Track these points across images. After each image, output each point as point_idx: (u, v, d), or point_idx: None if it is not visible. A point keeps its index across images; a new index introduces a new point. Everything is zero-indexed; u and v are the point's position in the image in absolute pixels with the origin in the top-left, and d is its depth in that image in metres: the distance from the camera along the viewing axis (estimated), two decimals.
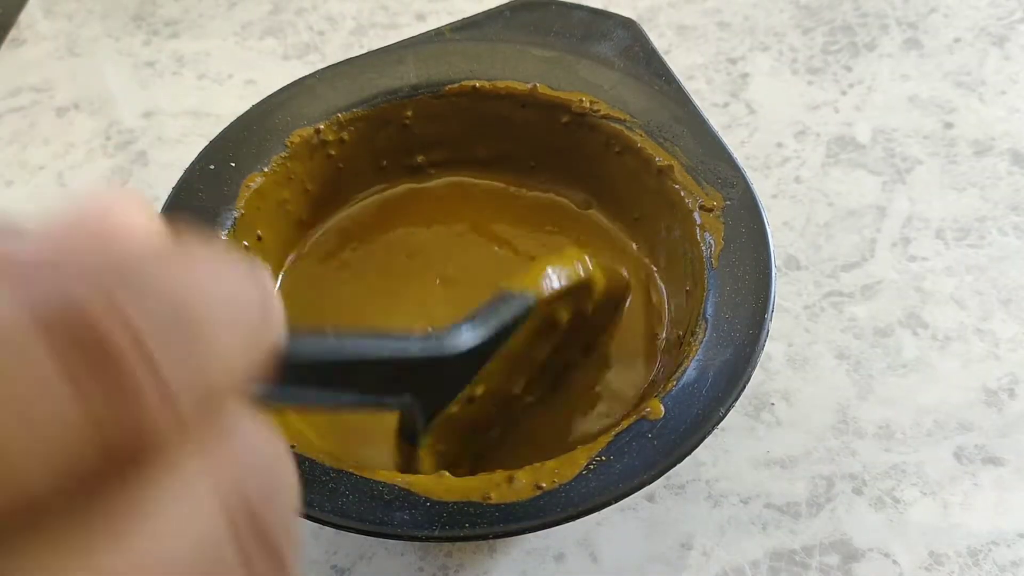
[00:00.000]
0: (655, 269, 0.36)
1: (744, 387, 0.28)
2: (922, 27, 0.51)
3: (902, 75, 0.49)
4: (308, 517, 0.26)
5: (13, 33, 0.55)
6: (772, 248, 0.31)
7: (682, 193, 0.33)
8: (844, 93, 0.48)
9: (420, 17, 0.54)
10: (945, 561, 0.33)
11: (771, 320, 0.29)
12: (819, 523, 0.34)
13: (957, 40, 0.50)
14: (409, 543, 0.34)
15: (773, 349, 0.39)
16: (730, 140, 0.35)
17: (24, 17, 0.56)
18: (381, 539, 0.35)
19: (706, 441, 0.36)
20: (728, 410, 0.27)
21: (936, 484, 0.35)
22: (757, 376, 0.38)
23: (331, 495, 0.26)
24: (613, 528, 0.34)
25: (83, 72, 0.53)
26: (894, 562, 0.33)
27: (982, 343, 0.39)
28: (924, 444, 0.36)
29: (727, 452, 0.36)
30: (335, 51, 0.52)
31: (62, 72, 0.53)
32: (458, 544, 0.34)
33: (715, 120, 0.35)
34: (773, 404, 0.37)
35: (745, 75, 0.50)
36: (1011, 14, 0.52)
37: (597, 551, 0.34)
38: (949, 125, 0.47)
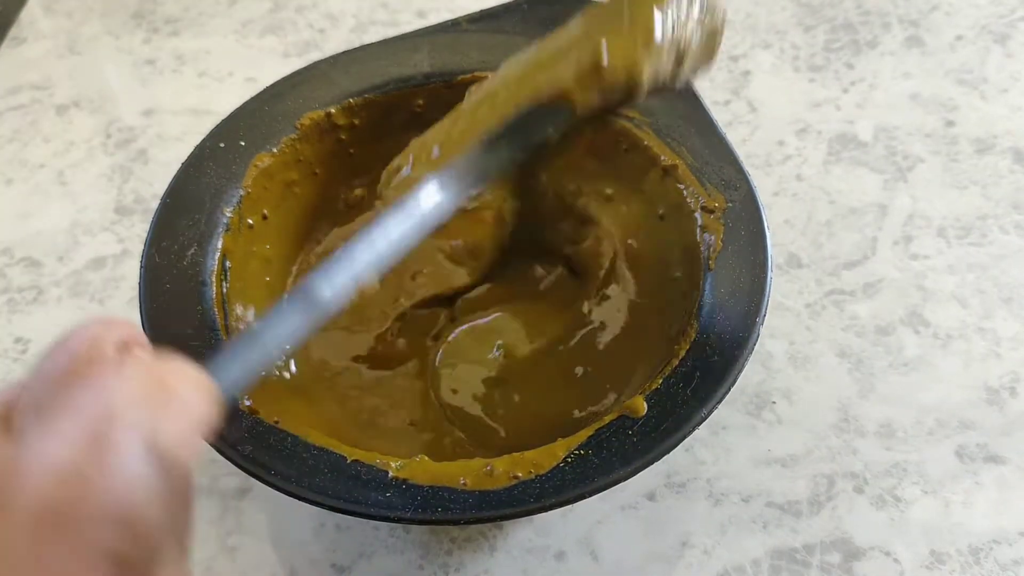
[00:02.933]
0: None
1: (728, 390, 0.28)
2: (924, 25, 0.51)
3: (904, 73, 0.49)
4: (285, 491, 0.26)
5: (14, 31, 0.55)
6: (770, 252, 0.31)
7: (685, 193, 0.33)
8: (846, 91, 0.48)
9: (421, 14, 0.54)
10: (946, 559, 0.33)
11: (762, 324, 0.29)
12: (820, 522, 0.34)
13: (959, 38, 0.50)
14: (409, 540, 0.34)
15: (774, 347, 0.39)
16: (732, 138, 0.35)
17: (25, 15, 0.56)
18: (380, 537, 0.34)
19: (707, 440, 0.36)
20: (710, 412, 0.27)
21: (937, 483, 0.35)
22: (758, 374, 0.38)
23: (310, 472, 0.27)
24: (614, 527, 0.34)
25: (83, 70, 0.53)
26: (895, 560, 0.33)
27: (983, 341, 0.39)
28: (925, 443, 0.36)
29: (728, 451, 0.36)
30: (335, 49, 0.52)
31: (62, 70, 0.53)
32: (459, 542, 0.34)
33: (717, 118, 0.35)
34: (774, 403, 0.37)
35: (747, 73, 0.49)
36: (1012, 12, 0.51)
37: (598, 549, 0.34)
38: (951, 123, 0.46)
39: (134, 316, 0.31)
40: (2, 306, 0.42)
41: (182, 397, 0.18)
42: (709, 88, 0.49)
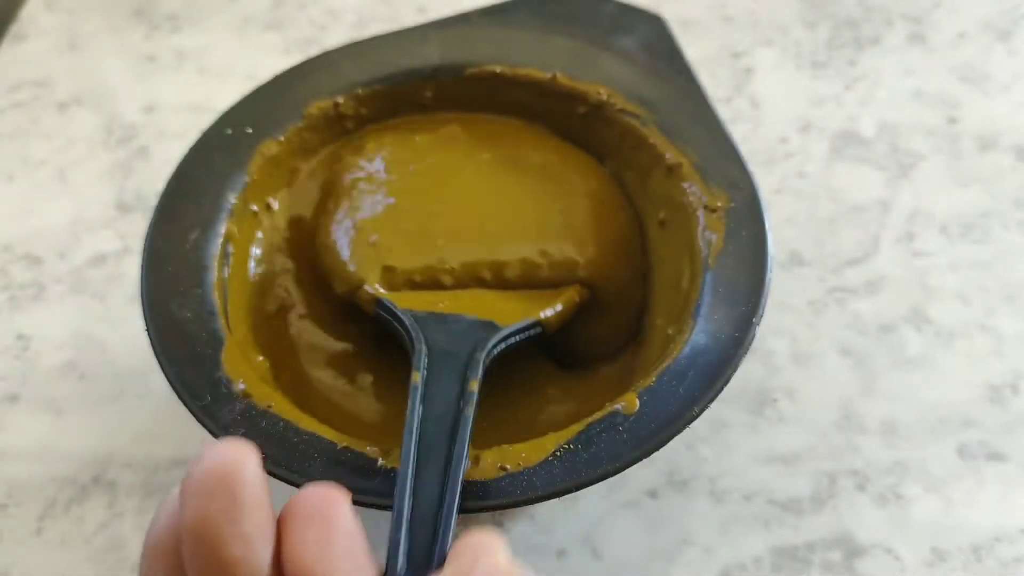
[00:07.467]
0: (653, 263, 0.36)
1: (721, 390, 0.28)
2: (926, 21, 0.51)
3: (906, 70, 0.49)
4: (276, 476, 0.26)
5: (14, 28, 0.55)
6: (770, 254, 0.31)
7: (688, 192, 0.33)
8: (848, 88, 0.48)
9: (421, 10, 0.53)
10: (948, 557, 0.33)
11: (759, 325, 0.29)
12: (822, 519, 0.34)
13: (962, 35, 0.50)
14: None
15: (776, 345, 0.39)
16: (734, 135, 0.35)
17: (25, 12, 0.56)
18: (383, 533, 0.34)
19: (708, 437, 0.36)
20: (702, 411, 0.27)
21: (939, 480, 0.35)
22: (760, 372, 0.38)
23: (300, 456, 0.27)
24: (615, 524, 0.34)
25: (84, 67, 0.53)
26: (897, 558, 0.33)
27: (986, 339, 0.39)
28: (927, 440, 0.36)
29: (730, 448, 0.36)
30: (337, 45, 0.52)
31: (63, 67, 0.53)
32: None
33: (722, 116, 0.35)
34: (776, 400, 0.37)
35: (749, 69, 0.49)
36: (1016, 8, 0.51)
37: (599, 547, 0.34)
38: (953, 120, 0.46)
39: (135, 310, 0.31)
40: (3, 303, 0.42)
41: None
42: (711, 85, 0.49)
